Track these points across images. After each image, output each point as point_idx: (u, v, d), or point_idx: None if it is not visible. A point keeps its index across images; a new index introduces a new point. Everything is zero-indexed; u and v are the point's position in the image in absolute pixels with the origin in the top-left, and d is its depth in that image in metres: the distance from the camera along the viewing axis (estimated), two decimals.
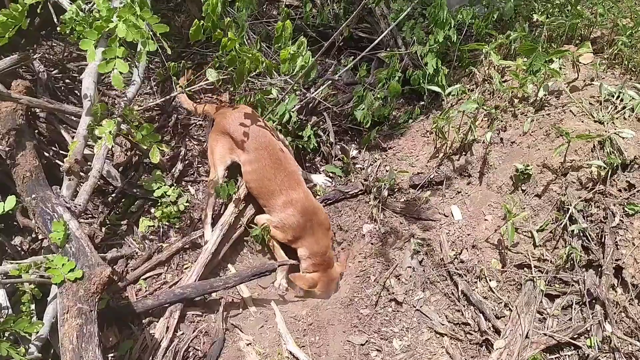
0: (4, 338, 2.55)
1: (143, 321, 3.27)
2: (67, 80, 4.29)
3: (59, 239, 2.73)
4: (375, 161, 4.18)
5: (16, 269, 2.73)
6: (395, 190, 3.93)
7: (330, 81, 4.21)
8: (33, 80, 3.90)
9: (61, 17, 2.99)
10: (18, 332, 2.56)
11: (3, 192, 3.30)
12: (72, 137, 3.56)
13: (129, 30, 2.62)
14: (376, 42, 3.88)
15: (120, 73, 2.72)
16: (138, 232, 3.71)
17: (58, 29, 3.03)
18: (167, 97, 4.10)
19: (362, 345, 3.30)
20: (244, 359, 3.24)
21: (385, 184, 3.85)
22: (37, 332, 2.68)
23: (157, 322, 3.26)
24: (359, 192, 4.07)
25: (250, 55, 3.27)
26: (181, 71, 4.09)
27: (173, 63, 3.72)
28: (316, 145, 4.14)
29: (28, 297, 2.84)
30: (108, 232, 3.67)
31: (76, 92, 4.20)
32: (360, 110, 4.07)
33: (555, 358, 3.08)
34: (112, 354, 3.12)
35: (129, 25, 2.62)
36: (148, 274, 3.52)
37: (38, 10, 3.01)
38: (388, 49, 4.41)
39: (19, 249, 3.35)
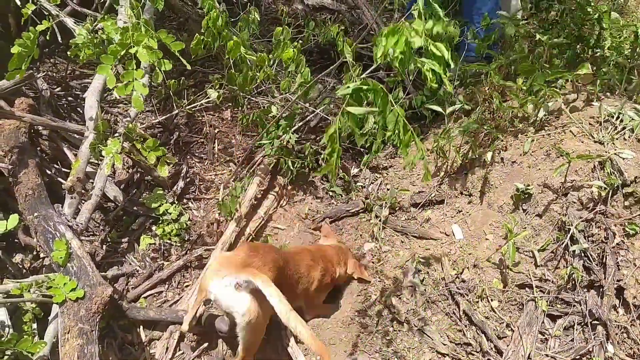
0: (5, 357, 2.53)
1: (143, 340, 3.26)
2: (69, 98, 4.32)
3: (61, 257, 2.74)
4: (376, 180, 4.19)
5: (18, 288, 2.73)
6: (397, 209, 3.94)
7: (330, 98, 4.23)
8: (36, 98, 3.92)
9: (71, 41, 3.03)
10: (20, 352, 2.55)
11: (3, 210, 3.31)
12: (75, 155, 3.58)
13: (147, 53, 2.66)
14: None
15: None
16: (139, 250, 3.70)
17: (68, 52, 3.07)
18: (169, 115, 4.11)
19: None
20: None
21: (386, 203, 3.87)
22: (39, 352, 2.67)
23: (157, 341, 3.25)
24: (360, 210, 4.08)
25: (255, 58, 3.30)
26: (182, 90, 4.13)
27: (173, 81, 3.75)
28: (315, 164, 4.16)
29: (29, 317, 2.83)
30: (109, 250, 3.67)
31: (79, 109, 4.23)
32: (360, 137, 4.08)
33: None
34: None
35: (145, 47, 2.67)
36: (149, 292, 3.50)
37: (47, 37, 3.07)
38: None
39: (20, 266, 3.34)
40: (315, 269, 3.40)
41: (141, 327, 3.31)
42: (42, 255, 3.26)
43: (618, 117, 3.51)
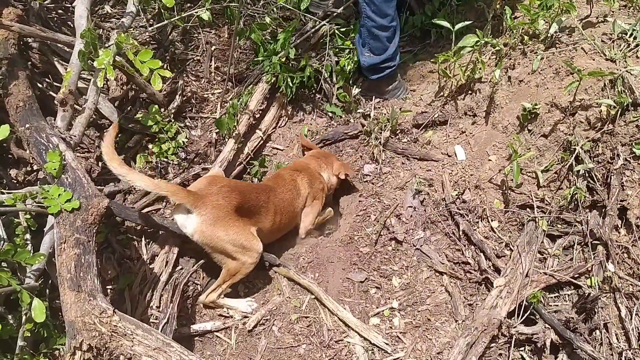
0: (5, 267, 2.52)
1: (143, 255, 3.26)
2: (59, 11, 4.12)
3: (55, 169, 2.66)
4: (378, 101, 4.07)
5: (11, 199, 2.68)
6: (398, 131, 3.84)
7: (331, 13, 4.04)
8: (25, 10, 3.73)
9: None
10: (19, 263, 2.52)
11: None
12: (66, 69, 3.44)
13: None
14: None
15: None
16: (136, 168, 3.64)
17: None
18: (161, 24, 3.88)
19: (361, 282, 3.30)
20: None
21: (387, 124, 3.76)
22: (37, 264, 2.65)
23: (157, 256, 3.25)
24: (360, 132, 3.99)
25: None
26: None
27: None
28: (314, 82, 4.02)
29: (22, 229, 2.79)
30: (105, 167, 3.59)
31: (69, 23, 4.05)
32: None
33: (555, 297, 3.08)
34: (110, 287, 3.12)
35: None
36: (147, 209, 3.47)
37: None
38: None
39: (14, 181, 3.28)
40: (299, 186, 3.48)
41: (143, 238, 3.31)
42: (35, 167, 3.19)
43: (632, 34, 3.36)
